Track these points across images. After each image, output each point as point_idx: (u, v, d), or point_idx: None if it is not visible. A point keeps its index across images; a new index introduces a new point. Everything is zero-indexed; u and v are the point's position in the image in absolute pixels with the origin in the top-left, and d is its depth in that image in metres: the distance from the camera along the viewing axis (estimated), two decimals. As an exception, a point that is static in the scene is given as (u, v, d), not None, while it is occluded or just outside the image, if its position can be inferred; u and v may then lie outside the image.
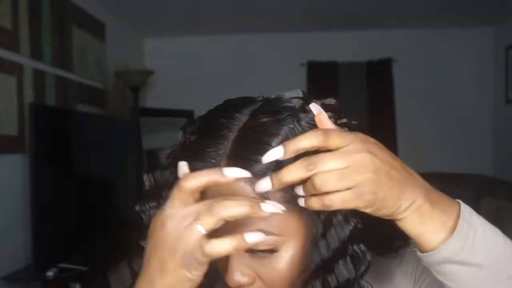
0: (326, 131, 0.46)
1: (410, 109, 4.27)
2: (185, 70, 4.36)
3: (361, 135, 0.48)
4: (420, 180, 0.51)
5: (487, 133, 4.28)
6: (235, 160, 0.52)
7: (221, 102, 0.61)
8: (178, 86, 4.29)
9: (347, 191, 0.45)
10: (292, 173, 0.45)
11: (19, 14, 2.32)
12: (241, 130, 0.54)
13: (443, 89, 4.28)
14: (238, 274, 0.54)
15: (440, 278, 0.51)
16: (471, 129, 4.28)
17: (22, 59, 2.35)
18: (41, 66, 2.52)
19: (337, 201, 0.45)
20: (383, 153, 0.47)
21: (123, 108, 3.64)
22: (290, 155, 0.46)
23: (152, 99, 4.32)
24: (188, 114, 4.17)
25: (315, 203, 0.46)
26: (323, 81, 4.28)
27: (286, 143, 0.46)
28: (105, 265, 2.37)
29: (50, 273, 2.04)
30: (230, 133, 0.54)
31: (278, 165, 0.49)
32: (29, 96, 2.37)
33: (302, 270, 0.55)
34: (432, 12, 3.80)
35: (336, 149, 0.46)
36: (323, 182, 0.44)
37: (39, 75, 2.49)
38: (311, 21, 4.04)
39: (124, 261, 2.69)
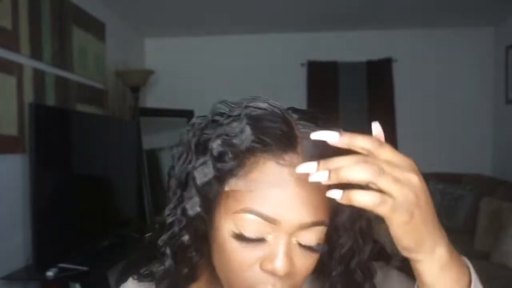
0: (382, 141, 0.46)
1: (410, 109, 4.27)
2: (185, 70, 4.36)
3: (411, 160, 0.47)
4: (443, 230, 0.49)
5: (487, 133, 4.28)
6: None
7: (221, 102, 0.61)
8: (178, 86, 4.29)
9: (395, 200, 0.44)
10: (357, 174, 0.44)
11: (19, 14, 2.32)
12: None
13: (443, 89, 4.28)
14: (288, 261, 0.53)
15: None
16: (471, 129, 4.28)
17: (22, 59, 2.35)
18: (41, 66, 2.52)
19: (389, 204, 0.44)
20: (425, 185, 0.47)
21: (123, 108, 3.64)
22: (341, 144, 0.47)
23: (152, 99, 4.32)
24: (188, 114, 4.18)
25: (365, 196, 0.44)
26: (323, 81, 4.28)
27: (344, 133, 0.47)
28: (105, 265, 2.37)
29: (50, 273, 2.04)
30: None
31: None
32: (29, 96, 2.37)
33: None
34: (432, 12, 3.80)
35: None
36: (381, 173, 0.44)
37: (39, 75, 2.49)
38: (311, 21, 4.04)
39: (124, 261, 2.69)
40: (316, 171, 0.46)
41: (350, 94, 4.34)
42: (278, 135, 0.53)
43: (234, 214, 0.53)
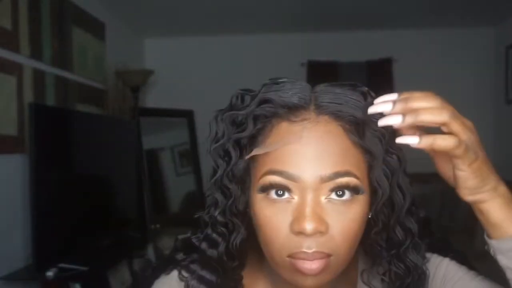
0: (454, 112, 0.50)
1: (410, 109, 4.27)
2: (185, 70, 4.36)
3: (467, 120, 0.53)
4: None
5: (487, 133, 4.27)
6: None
7: (220, 102, 0.62)
8: (178, 86, 4.29)
9: (461, 140, 0.49)
10: (436, 116, 0.49)
11: (19, 14, 2.32)
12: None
13: (443, 89, 4.20)
14: (316, 219, 0.51)
15: (508, 263, 0.57)
16: (471, 129, 4.27)
17: (22, 59, 2.34)
18: (41, 66, 2.52)
19: (463, 145, 0.48)
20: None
21: (123, 108, 3.64)
22: (407, 125, 0.50)
23: (152, 99, 4.32)
24: (188, 114, 4.18)
25: (445, 140, 0.48)
26: (323, 81, 4.18)
27: (407, 113, 0.50)
28: (105, 265, 2.37)
29: (50, 273, 2.04)
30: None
31: (365, 116, 0.54)
32: (29, 96, 2.37)
33: (364, 232, 0.57)
34: (432, 12, 3.80)
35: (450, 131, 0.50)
36: (455, 117, 0.49)
37: (39, 75, 2.49)
38: (311, 21, 4.04)
39: (124, 261, 2.69)
40: (391, 111, 0.50)
41: (350, 94, 4.34)
42: (289, 94, 0.55)
43: (260, 179, 0.54)
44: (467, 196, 0.52)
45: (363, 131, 0.54)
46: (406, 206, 0.58)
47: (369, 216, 0.57)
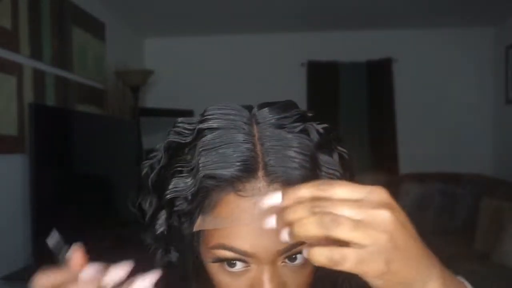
0: (332, 182, 0.40)
1: (410, 109, 4.27)
2: (185, 70, 4.36)
3: (379, 189, 0.39)
4: (434, 257, 0.42)
5: (487, 133, 4.28)
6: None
7: (221, 102, 0.60)
8: (178, 86, 4.29)
9: (361, 251, 0.37)
10: (309, 230, 0.37)
11: (19, 14, 2.32)
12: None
13: (443, 89, 4.28)
14: (274, 286, 0.50)
15: None
16: (471, 129, 4.28)
17: (22, 59, 2.34)
18: (41, 66, 2.52)
19: (351, 259, 0.37)
20: (402, 215, 0.40)
21: (123, 108, 3.64)
22: (289, 203, 0.40)
23: (152, 99, 4.32)
24: (188, 114, 4.18)
25: (322, 255, 0.37)
26: (323, 81, 4.28)
27: (286, 190, 0.41)
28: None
29: (50, 273, 2.04)
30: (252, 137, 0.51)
31: (313, 173, 0.50)
32: (29, 96, 2.37)
33: None
34: (432, 12, 3.80)
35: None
36: (335, 224, 0.37)
37: (39, 75, 2.49)
38: (311, 21, 4.04)
39: (124, 261, 2.69)
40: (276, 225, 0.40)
41: (350, 94, 4.34)
42: (235, 164, 0.49)
43: (211, 250, 0.52)
44: None
45: None
46: None
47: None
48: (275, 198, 0.41)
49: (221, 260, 0.52)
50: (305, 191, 0.39)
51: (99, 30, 3.32)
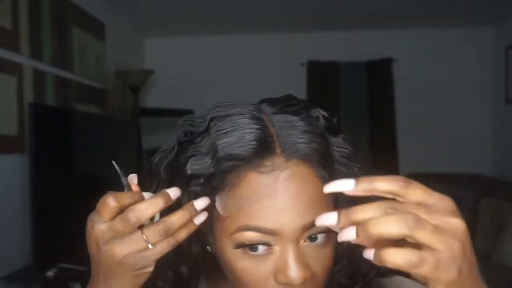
0: (409, 180, 0.39)
1: (410, 109, 4.27)
2: (185, 70, 4.36)
3: (448, 198, 0.39)
4: (481, 276, 0.42)
5: (487, 133, 4.28)
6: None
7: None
8: (178, 86, 4.29)
9: (439, 255, 0.37)
10: (389, 227, 0.36)
11: (19, 14, 2.32)
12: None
13: (443, 89, 4.28)
14: (301, 269, 0.49)
15: None
16: (471, 129, 4.28)
17: (22, 59, 2.34)
18: (41, 66, 2.52)
19: (430, 263, 0.36)
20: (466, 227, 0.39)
21: (123, 108, 3.64)
22: (360, 193, 0.39)
23: (152, 99, 4.32)
24: (188, 114, 4.17)
25: (399, 257, 0.36)
26: (323, 81, 4.28)
27: (361, 179, 0.39)
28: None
29: (50, 273, 2.04)
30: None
31: (327, 150, 0.53)
32: (29, 96, 2.37)
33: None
34: (432, 12, 3.80)
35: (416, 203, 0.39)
36: (418, 225, 0.36)
37: (39, 75, 2.49)
38: (311, 21, 4.04)
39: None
40: (337, 224, 0.39)
41: (350, 94, 4.34)
42: (251, 143, 0.50)
43: (233, 234, 0.51)
44: None
45: (329, 165, 0.53)
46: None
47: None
48: (346, 184, 0.39)
49: (244, 245, 0.50)
50: (383, 184, 0.38)
51: (99, 30, 3.32)
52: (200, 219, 0.50)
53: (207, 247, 0.57)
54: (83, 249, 0.53)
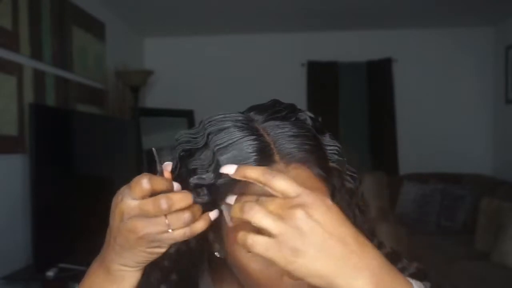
0: (277, 173, 0.46)
1: (410, 109, 4.27)
2: (185, 70, 4.36)
3: (314, 194, 0.45)
4: (374, 258, 0.45)
5: (487, 133, 4.28)
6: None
7: (220, 102, 0.61)
8: (178, 86, 4.29)
9: (270, 239, 0.43)
10: (232, 212, 0.47)
11: (19, 14, 2.32)
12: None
13: (443, 89, 4.28)
14: None
15: None
16: (471, 129, 4.28)
17: (22, 59, 2.34)
18: (41, 66, 2.52)
19: (259, 245, 0.43)
20: (329, 219, 0.44)
21: (123, 108, 3.64)
22: (237, 176, 0.48)
23: (152, 99, 4.32)
24: (188, 114, 4.17)
25: (239, 239, 0.45)
26: (323, 81, 4.28)
27: (240, 166, 0.48)
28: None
29: (50, 273, 2.04)
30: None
31: (321, 150, 0.57)
32: (29, 96, 2.37)
33: None
34: (432, 12, 3.80)
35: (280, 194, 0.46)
36: (250, 209, 0.44)
37: (39, 75, 2.49)
38: (311, 21, 4.04)
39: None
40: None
41: (350, 94, 4.34)
42: (252, 155, 0.53)
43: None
44: None
45: (324, 164, 0.56)
46: (365, 225, 0.60)
47: None
48: (230, 169, 0.49)
49: None
50: (253, 173, 0.47)
51: (99, 30, 3.32)
52: (213, 214, 0.53)
53: (215, 253, 0.59)
54: (83, 249, 0.53)
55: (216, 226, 0.55)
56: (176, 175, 0.57)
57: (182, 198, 0.49)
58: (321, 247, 0.43)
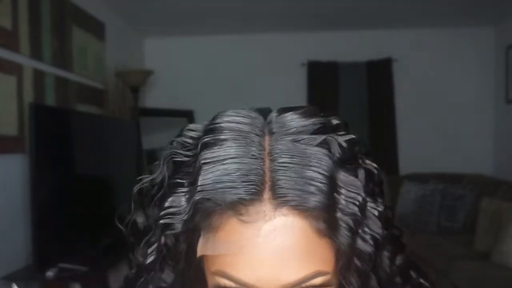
0: None
1: (410, 109, 4.27)
2: (185, 70, 4.36)
3: None
4: None
5: (487, 133, 4.28)
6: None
7: (220, 102, 0.58)
8: (178, 86, 4.29)
9: None
10: None
11: (19, 14, 2.32)
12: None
13: (443, 89, 4.28)
14: None
15: None
16: (471, 129, 4.28)
17: (22, 59, 2.34)
18: (41, 66, 2.52)
19: None
20: None
21: (123, 108, 3.64)
22: None
23: (152, 99, 4.32)
24: (188, 114, 4.18)
25: None
26: (323, 81, 4.28)
27: None
28: (105, 265, 2.36)
29: (50, 273, 2.04)
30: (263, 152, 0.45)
31: (331, 197, 0.43)
32: (29, 96, 2.37)
33: None
34: (432, 12, 3.80)
35: None
36: None
37: (39, 75, 2.49)
38: (311, 21, 4.04)
39: (124, 261, 2.69)
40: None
41: (350, 94, 4.34)
42: (234, 184, 0.43)
43: (212, 274, 0.46)
44: None
45: (330, 216, 0.43)
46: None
47: None
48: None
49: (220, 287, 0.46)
50: None
51: (99, 30, 3.32)
52: None
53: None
54: (83, 249, 0.52)
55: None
56: (157, 187, 0.52)
57: None
58: None
